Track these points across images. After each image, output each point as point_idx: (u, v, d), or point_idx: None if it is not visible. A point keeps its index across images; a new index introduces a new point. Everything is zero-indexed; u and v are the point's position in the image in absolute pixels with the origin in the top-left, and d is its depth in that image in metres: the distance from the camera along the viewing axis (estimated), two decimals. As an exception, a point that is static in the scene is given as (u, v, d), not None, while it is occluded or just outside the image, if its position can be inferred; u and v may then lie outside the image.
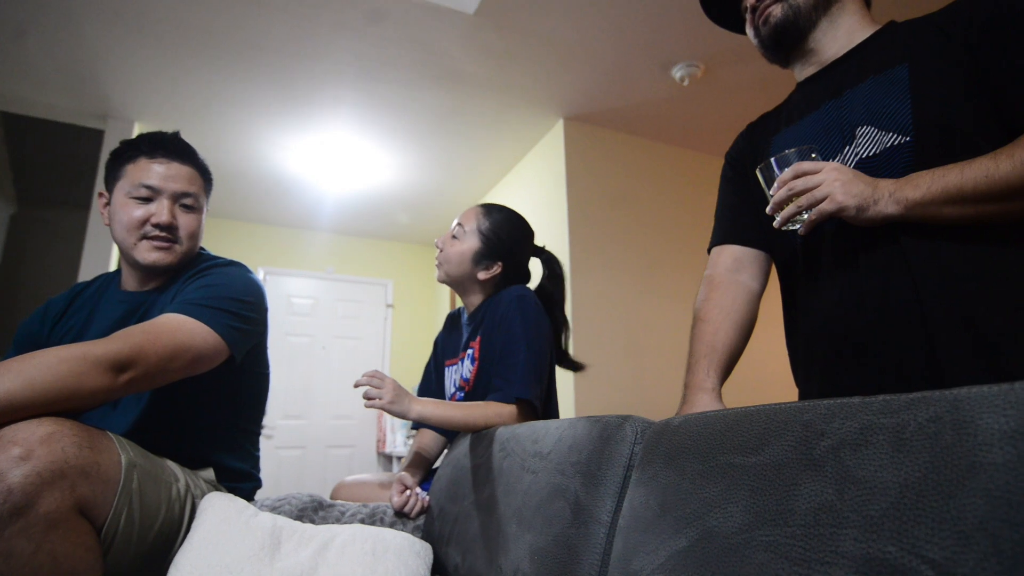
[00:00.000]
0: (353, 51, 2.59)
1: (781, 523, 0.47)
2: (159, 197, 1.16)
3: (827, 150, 0.90)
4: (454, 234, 1.46)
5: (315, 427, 4.43)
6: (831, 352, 0.89)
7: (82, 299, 1.24)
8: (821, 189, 0.78)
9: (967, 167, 0.72)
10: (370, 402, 1.11)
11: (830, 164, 0.80)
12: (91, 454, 0.82)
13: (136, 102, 2.96)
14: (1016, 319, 0.73)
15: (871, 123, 0.84)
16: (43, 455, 0.76)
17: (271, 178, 3.82)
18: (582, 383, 2.77)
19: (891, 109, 0.82)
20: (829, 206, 0.77)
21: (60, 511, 0.76)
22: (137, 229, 1.15)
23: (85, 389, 0.85)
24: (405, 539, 1.09)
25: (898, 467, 0.41)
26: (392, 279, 4.99)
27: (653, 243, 3.16)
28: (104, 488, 0.84)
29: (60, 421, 0.81)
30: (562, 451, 0.85)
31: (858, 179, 0.78)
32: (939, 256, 0.77)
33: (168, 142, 1.21)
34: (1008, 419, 0.37)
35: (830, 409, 0.49)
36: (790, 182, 0.81)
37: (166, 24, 2.41)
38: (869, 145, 0.85)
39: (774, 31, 0.96)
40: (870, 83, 0.86)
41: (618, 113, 3.12)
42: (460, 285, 1.48)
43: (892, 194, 0.76)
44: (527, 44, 2.56)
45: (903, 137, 0.81)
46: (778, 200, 0.82)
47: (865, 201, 0.76)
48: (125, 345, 0.91)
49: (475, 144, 3.42)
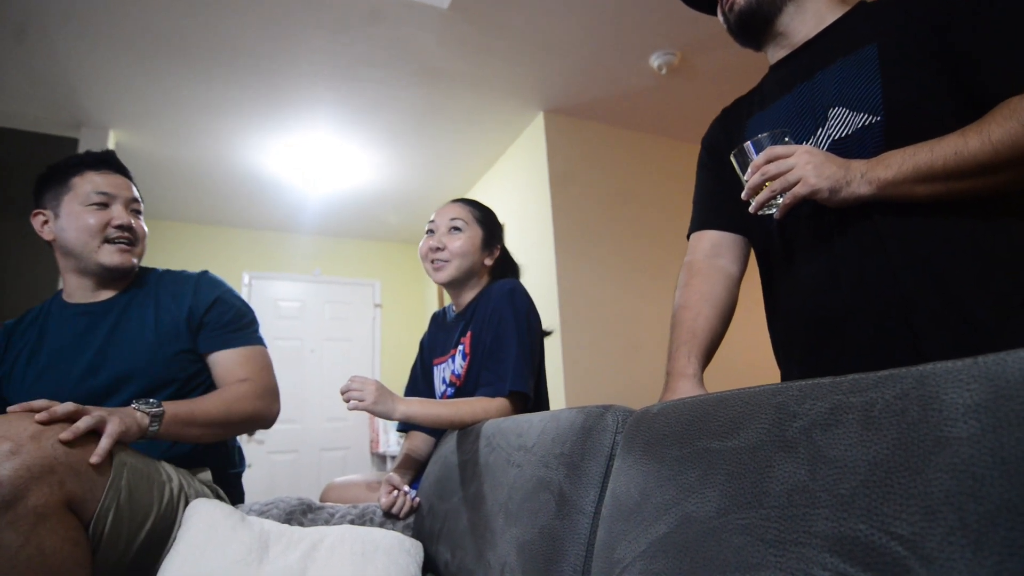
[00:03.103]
0: (328, 51, 2.57)
1: (756, 505, 0.47)
2: (114, 203, 1.23)
3: (800, 133, 0.90)
4: (455, 227, 1.43)
5: (308, 430, 4.41)
6: (811, 333, 0.89)
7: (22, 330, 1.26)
8: (794, 172, 0.78)
9: (937, 145, 0.73)
10: (353, 404, 1.10)
11: (802, 147, 0.80)
12: (80, 452, 0.86)
13: (110, 110, 2.92)
14: (991, 290, 0.74)
15: (842, 104, 0.85)
16: (32, 450, 0.79)
17: (252, 181, 3.78)
18: (572, 373, 2.78)
19: (862, 89, 0.83)
20: (802, 189, 0.78)
21: (48, 505, 0.79)
22: (100, 233, 1.20)
23: (265, 415, 1.24)
24: (395, 538, 1.08)
25: (867, 445, 0.41)
26: (379, 279, 4.97)
27: (637, 232, 3.17)
28: (93, 485, 0.87)
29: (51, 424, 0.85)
30: (546, 443, 0.85)
31: (830, 161, 0.78)
32: (913, 233, 0.78)
33: (111, 158, 1.29)
34: (972, 393, 0.37)
35: (802, 390, 0.49)
36: (763, 167, 0.81)
37: (139, 31, 2.38)
38: (841, 126, 0.85)
39: (739, 18, 0.97)
40: (840, 64, 0.86)
41: (598, 104, 3.11)
42: (465, 278, 1.45)
43: (864, 174, 0.76)
44: (503, 38, 2.55)
45: (874, 117, 0.81)
46: (752, 185, 0.82)
47: (838, 183, 0.77)
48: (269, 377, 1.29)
49: (456, 140, 3.41)
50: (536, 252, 3.05)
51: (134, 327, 1.21)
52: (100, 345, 1.18)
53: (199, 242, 4.33)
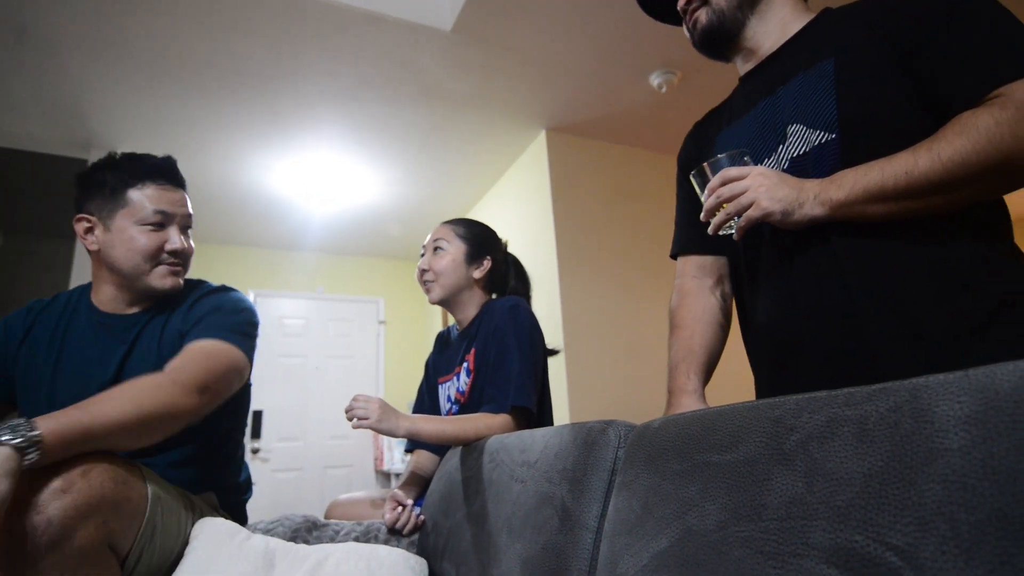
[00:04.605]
0: (332, 72, 2.61)
1: (755, 518, 0.48)
2: (170, 223, 1.17)
3: (762, 150, 0.90)
4: (438, 247, 1.48)
5: (311, 448, 4.41)
6: (772, 354, 0.90)
7: (48, 315, 1.20)
8: (747, 195, 0.78)
9: (888, 164, 0.72)
10: (358, 422, 1.11)
11: (756, 169, 0.80)
12: (124, 488, 0.84)
13: (119, 130, 2.97)
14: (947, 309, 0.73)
15: (800, 121, 0.84)
16: (82, 488, 0.77)
17: (257, 201, 3.82)
18: (576, 390, 2.77)
19: (818, 106, 0.82)
20: (755, 212, 0.77)
21: (92, 545, 0.78)
22: (153, 258, 1.14)
23: (179, 409, 0.94)
24: (400, 555, 1.09)
25: (862, 457, 0.42)
26: (383, 296, 4.99)
27: (639, 247, 3.19)
28: (131, 522, 0.86)
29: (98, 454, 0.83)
30: (548, 459, 0.85)
31: (783, 183, 0.78)
32: (868, 254, 0.78)
33: (173, 169, 1.21)
34: (963, 406, 0.38)
35: (799, 404, 0.50)
36: (718, 189, 0.81)
37: (147, 52, 2.43)
38: (798, 143, 0.85)
39: (703, 35, 0.96)
40: (800, 78, 0.86)
41: (599, 122, 3.15)
42: (455, 296, 1.48)
43: (817, 196, 0.76)
44: (505, 58, 2.59)
45: (829, 134, 0.81)
46: (708, 208, 0.83)
47: (790, 205, 0.76)
48: (199, 369, 1.02)
49: (459, 159, 3.45)
50: (539, 269, 3.06)
51: (145, 347, 1.17)
52: (119, 363, 1.15)
53: (205, 260, 4.34)
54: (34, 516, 0.73)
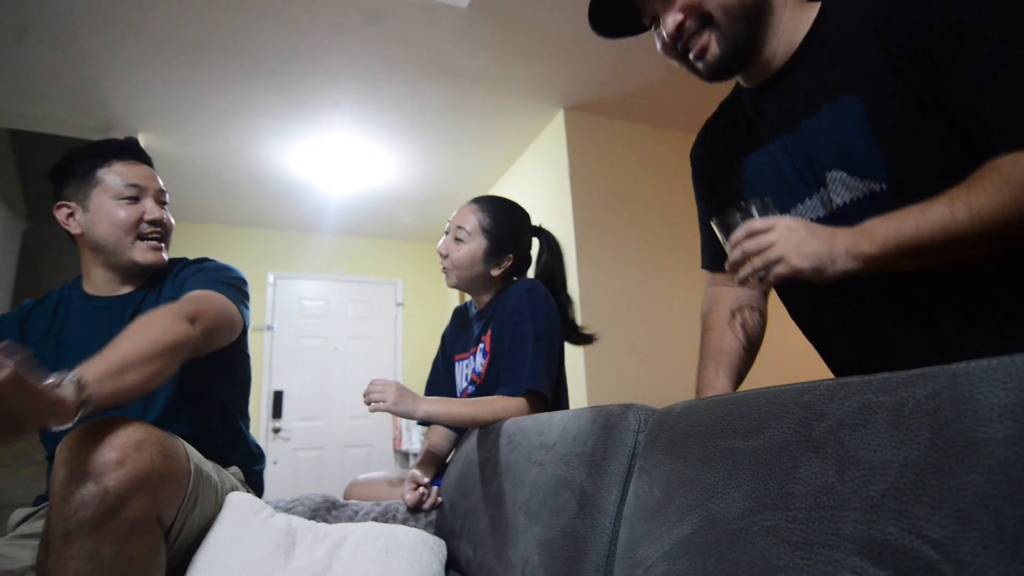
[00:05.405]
0: (350, 52, 2.59)
1: (782, 507, 0.46)
2: (144, 196, 1.21)
3: (797, 193, 0.86)
4: (457, 236, 1.43)
5: (331, 428, 4.47)
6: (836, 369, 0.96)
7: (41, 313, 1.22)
8: (774, 250, 0.74)
9: (923, 217, 0.67)
10: (375, 405, 1.12)
11: (783, 221, 0.75)
12: (171, 462, 0.87)
13: (139, 113, 2.98)
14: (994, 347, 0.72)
15: (841, 167, 0.79)
16: (136, 461, 0.80)
17: (276, 183, 3.83)
18: (593, 373, 2.76)
19: (858, 152, 0.77)
20: (784, 269, 0.73)
21: (143, 515, 0.81)
22: (133, 229, 1.18)
23: (182, 337, 0.93)
24: (418, 535, 1.09)
25: (897, 446, 0.40)
26: (401, 278, 5.00)
27: (658, 229, 3.14)
28: (176, 494, 0.89)
29: (147, 427, 0.85)
30: (567, 442, 0.84)
31: (812, 237, 0.73)
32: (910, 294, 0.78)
33: (135, 146, 1.25)
34: (1008, 393, 0.36)
35: (830, 389, 0.48)
36: (743, 243, 0.77)
37: (165, 35, 2.42)
38: (842, 191, 0.80)
39: (716, 70, 0.84)
40: (826, 114, 0.80)
41: (618, 100, 3.09)
42: (471, 287, 1.47)
43: (849, 250, 0.71)
44: (523, 36, 2.54)
45: (878, 184, 0.77)
46: (733, 261, 0.79)
47: (821, 262, 0.72)
48: (187, 304, 1.02)
49: (477, 138, 3.41)
50: (557, 250, 3.04)
51: None
52: None
53: (224, 243, 4.40)
54: (92, 486, 0.75)
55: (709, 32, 0.82)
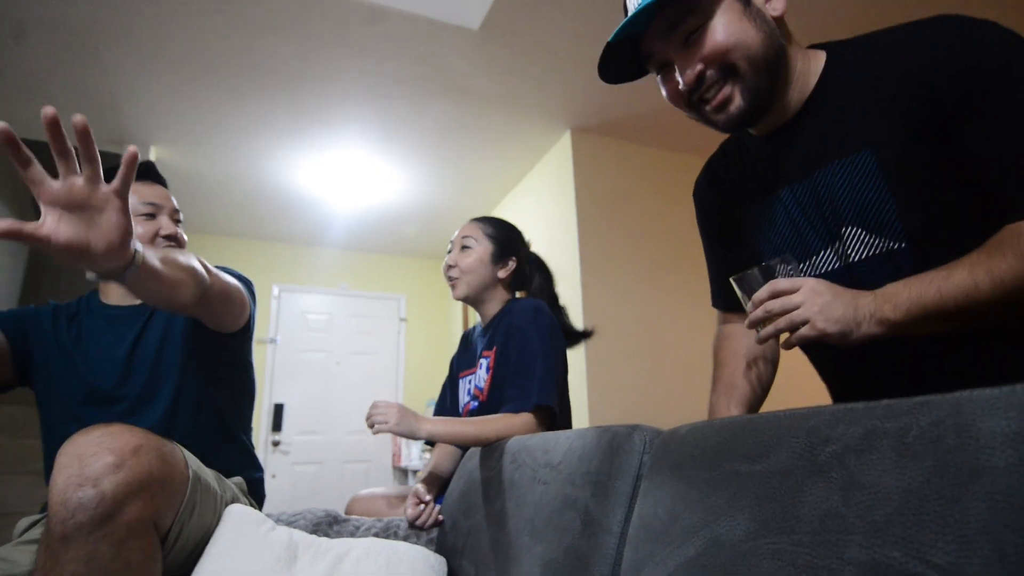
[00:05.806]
0: (360, 69, 2.63)
1: (787, 530, 0.47)
2: (160, 213, 1.25)
3: (810, 246, 0.87)
4: (465, 245, 1.50)
5: (331, 442, 4.45)
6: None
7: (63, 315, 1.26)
8: (800, 313, 0.74)
9: (945, 284, 0.68)
10: (378, 427, 1.13)
11: (808, 283, 0.75)
12: (169, 468, 0.88)
13: (151, 126, 3.03)
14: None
15: (857, 224, 0.80)
16: (134, 465, 0.80)
17: (284, 197, 3.87)
18: (596, 391, 2.76)
19: (873, 210, 0.78)
20: (810, 332, 0.73)
21: (140, 521, 0.81)
22: (151, 243, 1.22)
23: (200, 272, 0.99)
24: (419, 552, 1.09)
25: (902, 472, 0.41)
26: (405, 293, 5.02)
27: (663, 250, 3.16)
28: (174, 500, 0.89)
29: (145, 433, 0.86)
30: (572, 462, 0.85)
31: (837, 300, 0.73)
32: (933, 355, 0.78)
33: (152, 169, 1.31)
34: (1010, 422, 0.37)
35: (835, 415, 0.49)
36: (767, 303, 0.77)
37: (180, 52, 2.47)
38: (859, 247, 0.81)
39: (737, 122, 0.82)
40: (837, 167, 0.80)
41: (625, 122, 3.13)
42: (480, 293, 1.49)
43: (873, 314, 0.72)
44: (533, 57, 2.59)
45: (896, 243, 0.77)
46: (754, 319, 0.79)
47: (848, 326, 0.72)
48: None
49: (484, 157, 3.45)
50: (562, 270, 3.04)
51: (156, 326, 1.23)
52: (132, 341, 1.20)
53: (231, 254, 4.43)
54: (89, 490, 0.76)
55: (732, 84, 0.80)
